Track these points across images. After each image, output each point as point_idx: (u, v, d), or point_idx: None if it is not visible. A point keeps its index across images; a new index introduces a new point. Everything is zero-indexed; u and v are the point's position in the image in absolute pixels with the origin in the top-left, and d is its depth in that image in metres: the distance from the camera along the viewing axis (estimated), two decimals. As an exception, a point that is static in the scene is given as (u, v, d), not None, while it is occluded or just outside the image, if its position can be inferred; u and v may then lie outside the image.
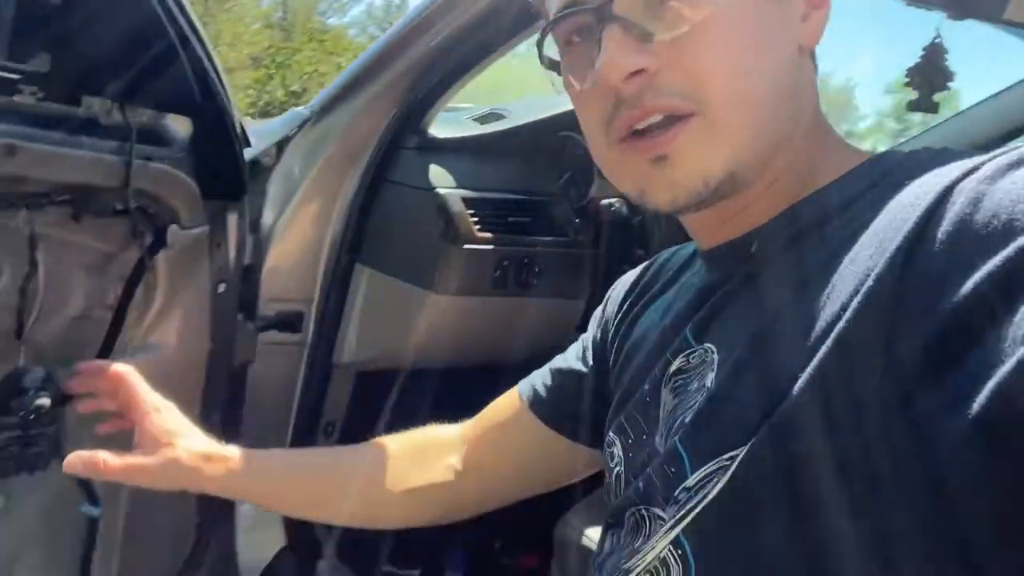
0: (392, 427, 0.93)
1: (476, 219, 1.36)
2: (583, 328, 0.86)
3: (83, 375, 0.87)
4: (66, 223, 0.92)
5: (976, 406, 0.38)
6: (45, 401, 0.83)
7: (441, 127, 1.46)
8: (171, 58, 0.91)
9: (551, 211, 1.48)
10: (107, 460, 0.77)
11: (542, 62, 0.61)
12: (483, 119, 1.54)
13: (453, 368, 1.65)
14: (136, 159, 0.94)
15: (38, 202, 0.86)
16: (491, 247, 1.38)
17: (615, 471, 0.66)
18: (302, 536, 1.55)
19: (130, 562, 1.14)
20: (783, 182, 0.57)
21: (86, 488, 0.98)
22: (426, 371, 1.59)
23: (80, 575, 1.03)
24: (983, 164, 0.45)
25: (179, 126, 1.04)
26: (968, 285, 0.40)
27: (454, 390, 1.70)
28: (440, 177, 1.38)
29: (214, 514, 1.29)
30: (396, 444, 0.88)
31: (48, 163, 0.86)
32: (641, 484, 0.59)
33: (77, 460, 0.77)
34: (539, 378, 0.84)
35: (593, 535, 1.30)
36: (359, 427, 1.56)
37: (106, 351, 0.92)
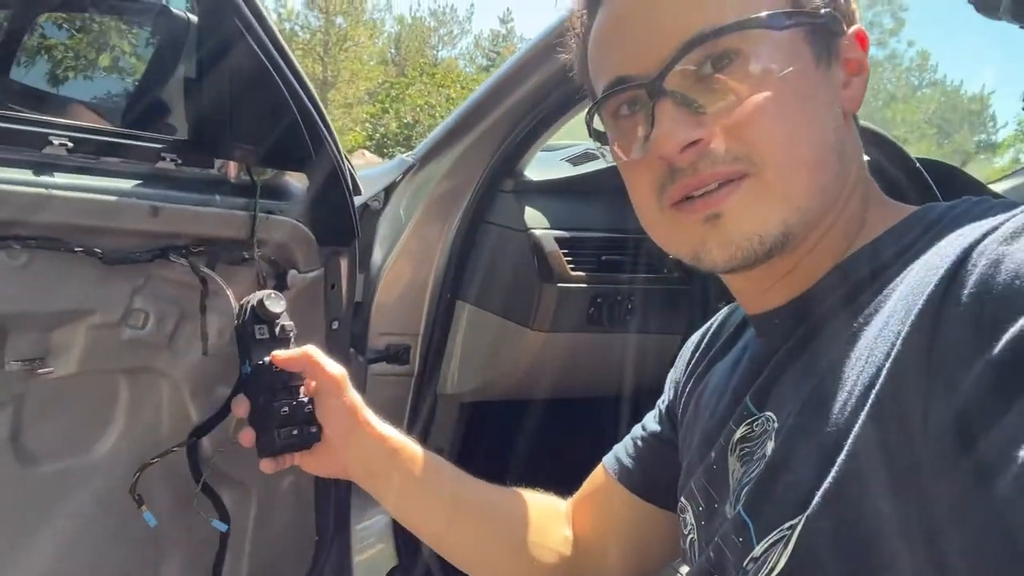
0: (496, 457, 0.95)
1: (570, 258, 1.41)
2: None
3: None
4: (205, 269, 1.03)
5: (1009, 477, 0.38)
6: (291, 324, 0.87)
7: (536, 168, 1.52)
8: (290, 123, 1.02)
9: (646, 248, 1.50)
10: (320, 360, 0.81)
11: (590, 134, 0.65)
12: (576, 160, 1.58)
13: (553, 400, 1.69)
14: (260, 213, 1.05)
15: (179, 254, 0.97)
16: (585, 285, 1.42)
17: (688, 538, 0.67)
18: (413, 558, 1.62)
19: (258, 574, 1.24)
20: (830, 240, 0.58)
21: (217, 504, 1.08)
22: (527, 402, 1.64)
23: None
24: (1003, 223, 0.45)
25: (297, 181, 1.15)
26: (993, 352, 0.40)
27: (554, 421, 1.75)
28: (535, 218, 1.43)
29: (331, 532, 1.38)
30: (523, 501, 0.87)
31: (186, 220, 0.97)
32: (712, 553, 0.60)
33: (290, 355, 0.81)
34: (622, 449, 0.84)
35: None
36: (465, 454, 1.63)
37: (237, 388, 1.02)
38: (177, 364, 1.05)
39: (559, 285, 1.39)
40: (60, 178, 0.85)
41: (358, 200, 1.27)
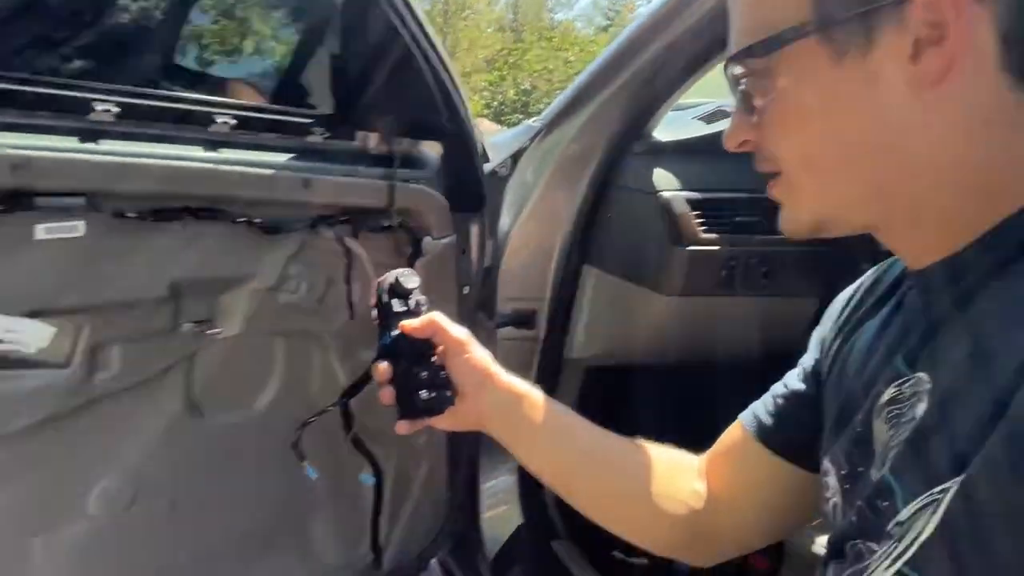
0: (622, 421, 0.97)
1: (701, 220, 1.37)
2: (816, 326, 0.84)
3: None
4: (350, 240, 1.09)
5: None
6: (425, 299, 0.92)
7: (667, 129, 1.48)
8: (427, 96, 1.05)
9: (782, 210, 1.44)
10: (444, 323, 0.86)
11: None
12: (709, 118, 1.53)
13: (683, 365, 1.67)
14: (398, 182, 1.10)
15: (327, 225, 1.04)
16: (717, 248, 1.38)
17: (831, 501, 0.66)
18: (538, 517, 1.66)
19: (396, 528, 1.33)
20: (960, 204, 0.55)
21: (369, 460, 1.16)
22: (655, 367, 1.63)
23: (371, 533, 1.21)
24: None
25: (431, 150, 1.19)
26: None
27: (683, 387, 1.73)
28: (664, 180, 1.41)
29: (462, 490, 1.45)
30: (652, 453, 0.87)
31: (333, 191, 1.03)
32: (855, 517, 0.58)
33: (418, 321, 0.86)
34: (761, 406, 0.82)
35: (824, 544, 1.25)
36: (589, 418, 1.64)
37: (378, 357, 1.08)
38: (326, 327, 1.12)
39: (690, 248, 1.36)
40: (224, 153, 0.92)
41: (486, 167, 1.29)
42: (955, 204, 0.55)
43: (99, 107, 0.82)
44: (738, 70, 0.60)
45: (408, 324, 0.89)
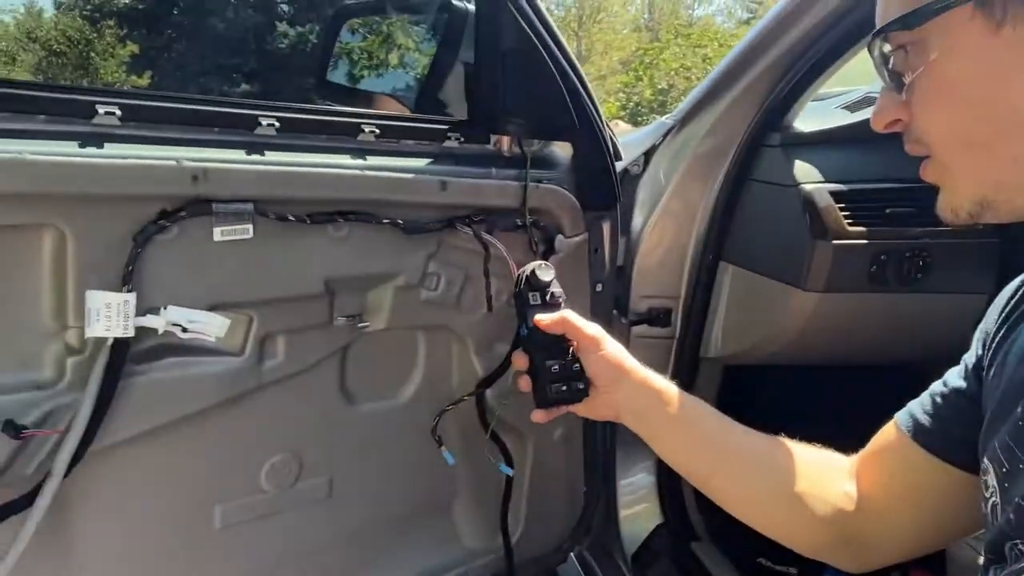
0: (762, 422, 0.95)
1: (847, 212, 1.30)
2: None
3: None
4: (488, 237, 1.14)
5: None
6: (560, 292, 0.98)
7: (808, 119, 1.42)
8: (557, 97, 1.08)
9: (940, 198, 1.34)
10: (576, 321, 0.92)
11: None
12: (854, 106, 1.45)
13: (828, 365, 1.59)
14: (530, 182, 1.13)
15: (463, 223, 1.09)
16: (865, 241, 1.31)
17: (990, 502, 0.62)
18: (678, 517, 1.64)
19: (533, 519, 1.36)
20: None
21: (503, 450, 1.21)
22: (797, 367, 1.56)
23: (500, 521, 1.26)
24: None
25: (562, 150, 1.22)
26: None
27: (828, 387, 1.64)
28: (805, 172, 1.35)
29: (599, 485, 1.46)
30: (800, 453, 0.86)
31: (468, 192, 1.09)
32: (1013, 515, 0.55)
33: (549, 319, 0.92)
34: (918, 406, 0.79)
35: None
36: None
37: (514, 346, 1.12)
38: (463, 322, 1.18)
39: (834, 242, 1.30)
40: (370, 160, 1.00)
41: (619, 165, 1.30)
42: None
43: (264, 122, 0.92)
44: (887, 46, 0.58)
45: (541, 319, 0.93)
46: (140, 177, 0.83)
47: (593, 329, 0.93)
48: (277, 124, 0.93)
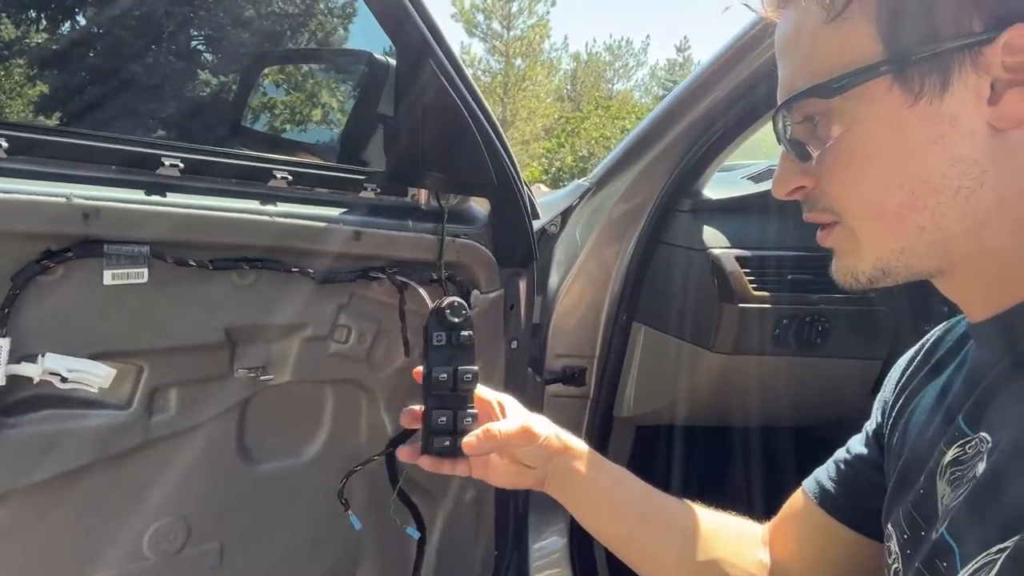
0: (672, 482, 0.94)
1: (752, 277, 1.36)
2: (878, 391, 0.81)
3: None
4: (395, 292, 1.12)
5: None
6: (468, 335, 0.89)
7: (715, 188, 1.49)
8: (475, 154, 1.09)
9: (836, 268, 1.41)
10: (501, 429, 0.83)
11: None
12: (758, 177, 1.53)
13: (735, 426, 1.62)
14: (447, 236, 1.12)
15: (377, 275, 1.07)
16: (769, 306, 1.36)
17: (892, 568, 0.63)
18: (588, 578, 1.61)
19: (440, 583, 1.31)
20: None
21: (414, 513, 1.15)
22: (707, 428, 1.59)
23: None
24: None
25: (480, 206, 1.22)
26: None
27: (736, 448, 1.67)
28: (714, 237, 1.40)
29: (510, 548, 1.42)
30: (716, 519, 0.86)
31: (383, 243, 1.07)
32: None
33: (475, 439, 0.83)
34: (824, 473, 0.80)
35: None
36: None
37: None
38: (374, 377, 1.14)
39: (741, 305, 1.35)
40: (281, 207, 0.97)
41: (536, 224, 1.32)
42: None
43: (167, 162, 0.88)
44: (794, 114, 0.58)
45: (469, 443, 0.84)
46: (23, 213, 0.77)
47: (517, 420, 0.86)
48: (181, 165, 0.89)
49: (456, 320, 0.89)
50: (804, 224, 0.63)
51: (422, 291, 1.07)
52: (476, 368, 0.89)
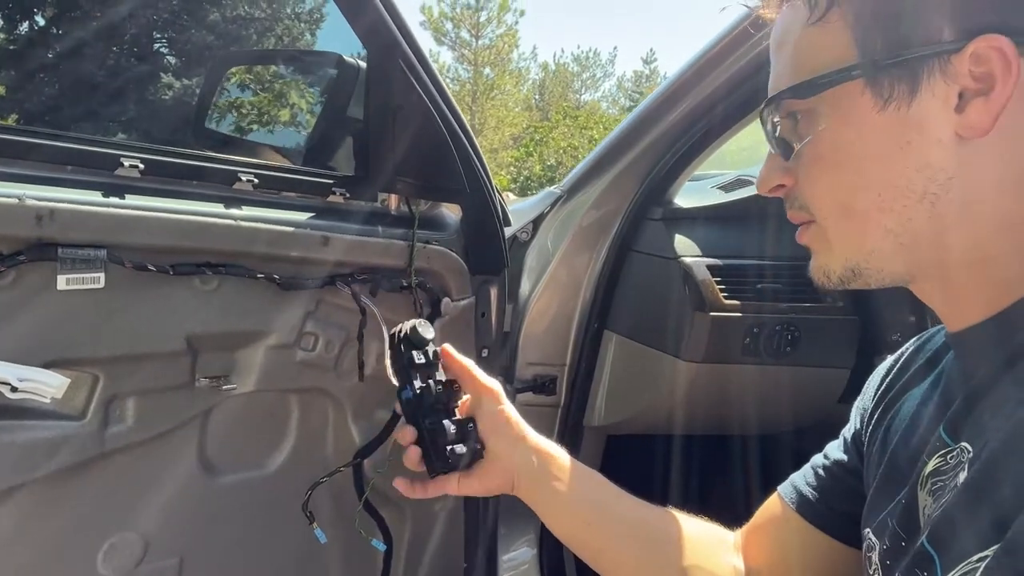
0: (644, 492, 0.93)
1: (723, 286, 1.36)
2: (846, 400, 0.81)
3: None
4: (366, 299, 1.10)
5: None
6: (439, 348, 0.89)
7: (685, 197, 1.49)
8: (447, 159, 1.07)
9: (806, 277, 1.42)
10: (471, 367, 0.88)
11: None
12: (728, 187, 1.54)
13: (707, 435, 1.62)
14: (417, 242, 1.10)
15: (344, 282, 1.04)
16: (739, 314, 1.36)
17: None
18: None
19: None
20: (1013, 261, 0.53)
21: (381, 525, 1.13)
22: (678, 437, 1.58)
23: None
24: None
25: (451, 212, 1.20)
26: None
27: (708, 456, 1.67)
28: (685, 246, 1.40)
29: (479, 560, 1.39)
30: (688, 525, 0.86)
31: (352, 249, 1.04)
32: None
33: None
34: (801, 479, 0.80)
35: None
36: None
37: (396, 415, 1.06)
38: (342, 386, 1.11)
39: (712, 314, 1.35)
40: (246, 211, 0.94)
41: (508, 231, 1.30)
42: (997, 259, 0.54)
43: (127, 163, 0.84)
44: (777, 112, 0.60)
45: (450, 349, 0.89)
46: (-28, 214, 0.74)
47: (490, 380, 0.89)
48: (141, 166, 0.86)
49: (430, 336, 0.89)
50: (774, 233, 0.64)
51: (376, 309, 1.06)
52: (454, 377, 0.89)
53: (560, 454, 0.88)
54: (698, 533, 0.84)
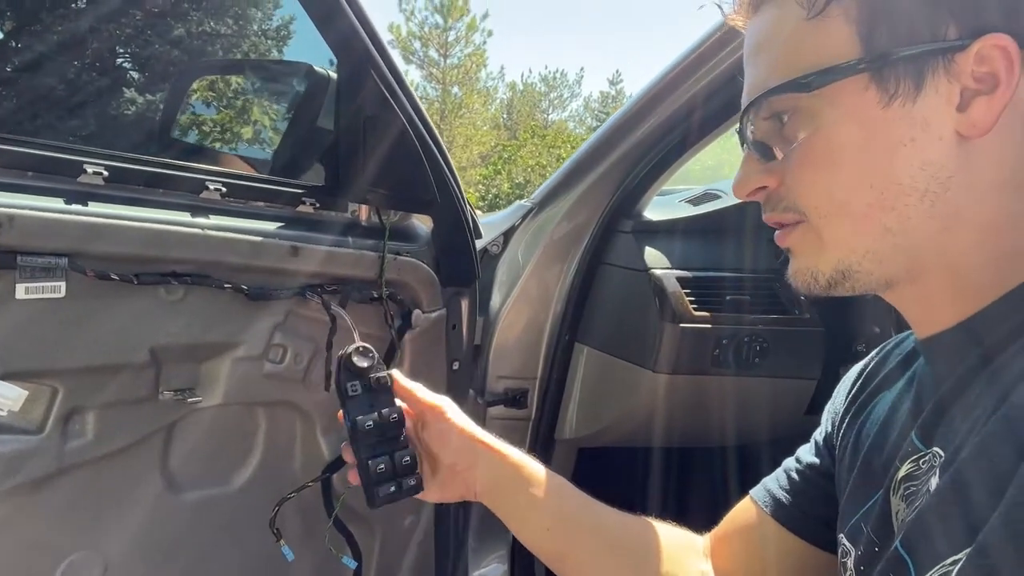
0: (614, 504, 0.93)
1: (692, 298, 1.37)
2: (813, 410, 0.82)
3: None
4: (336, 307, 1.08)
5: None
6: (385, 375, 0.85)
7: (655, 210, 1.51)
8: (418, 170, 1.06)
9: (774, 289, 1.44)
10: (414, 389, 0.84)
11: None
12: (696, 200, 1.56)
13: (678, 447, 1.63)
14: (388, 254, 1.10)
15: (314, 292, 1.03)
16: (709, 326, 1.38)
17: None
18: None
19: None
20: (983, 263, 0.54)
21: (350, 541, 1.10)
22: (649, 449, 1.58)
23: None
24: None
25: (422, 223, 1.19)
26: None
27: (678, 468, 1.68)
28: (655, 258, 1.41)
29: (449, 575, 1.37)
30: (656, 531, 0.85)
31: (322, 260, 1.03)
32: None
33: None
34: (774, 482, 0.80)
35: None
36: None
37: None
38: (310, 399, 1.09)
39: (681, 325, 1.36)
40: (213, 220, 0.93)
41: (479, 244, 1.30)
42: (981, 264, 0.54)
43: (90, 170, 0.82)
44: (763, 112, 0.58)
45: (397, 376, 0.86)
46: (-74, 221, 0.71)
47: (435, 398, 0.87)
48: (105, 173, 0.84)
49: (365, 365, 0.84)
50: (743, 245, 0.64)
51: (347, 319, 1.03)
52: (400, 406, 0.86)
53: (524, 460, 0.87)
54: (665, 538, 0.84)
